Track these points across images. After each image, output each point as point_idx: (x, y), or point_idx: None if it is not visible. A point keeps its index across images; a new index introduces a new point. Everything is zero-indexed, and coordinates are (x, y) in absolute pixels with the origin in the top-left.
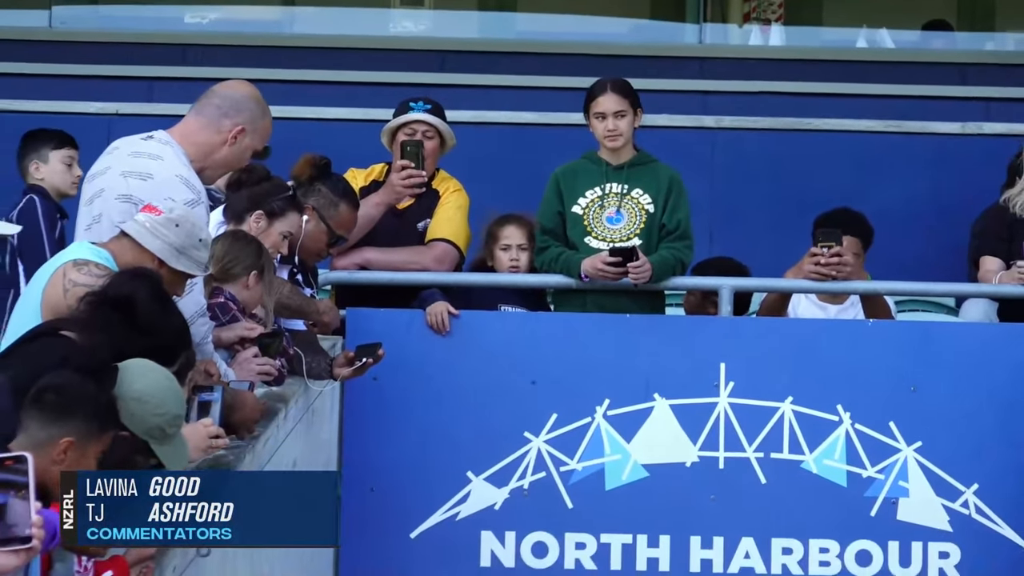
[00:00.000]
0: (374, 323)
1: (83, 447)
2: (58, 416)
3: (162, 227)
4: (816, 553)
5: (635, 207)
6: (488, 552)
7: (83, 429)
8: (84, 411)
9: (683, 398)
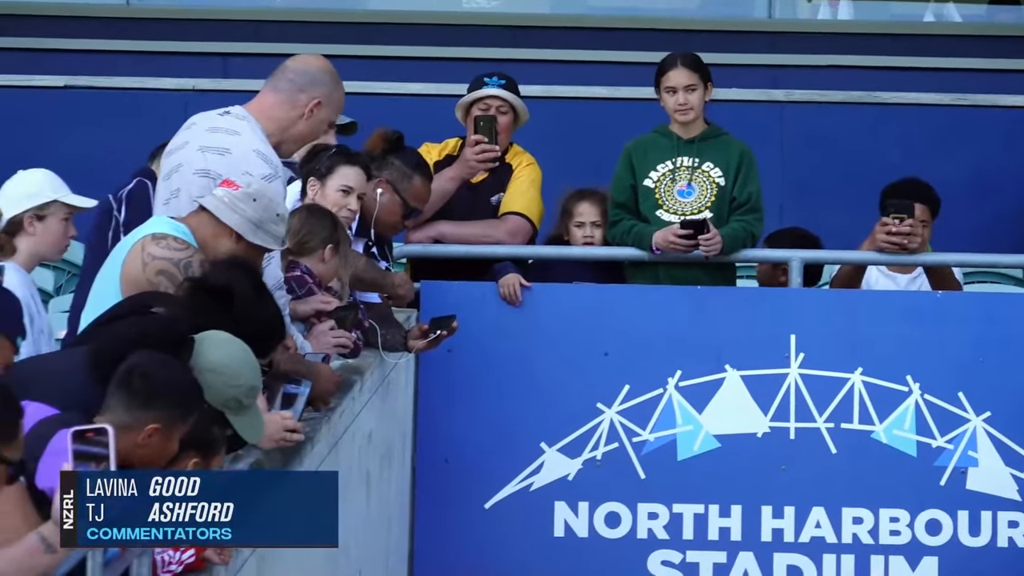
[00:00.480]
0: (448, 296)
1: (168, 432)
2: (144, 402)
3: (240, 201)
4: (886, 523)
5: (706, 180)
6: (561, 522)
7: (168, 416)
8: (170, 399)
9: (754, 369)
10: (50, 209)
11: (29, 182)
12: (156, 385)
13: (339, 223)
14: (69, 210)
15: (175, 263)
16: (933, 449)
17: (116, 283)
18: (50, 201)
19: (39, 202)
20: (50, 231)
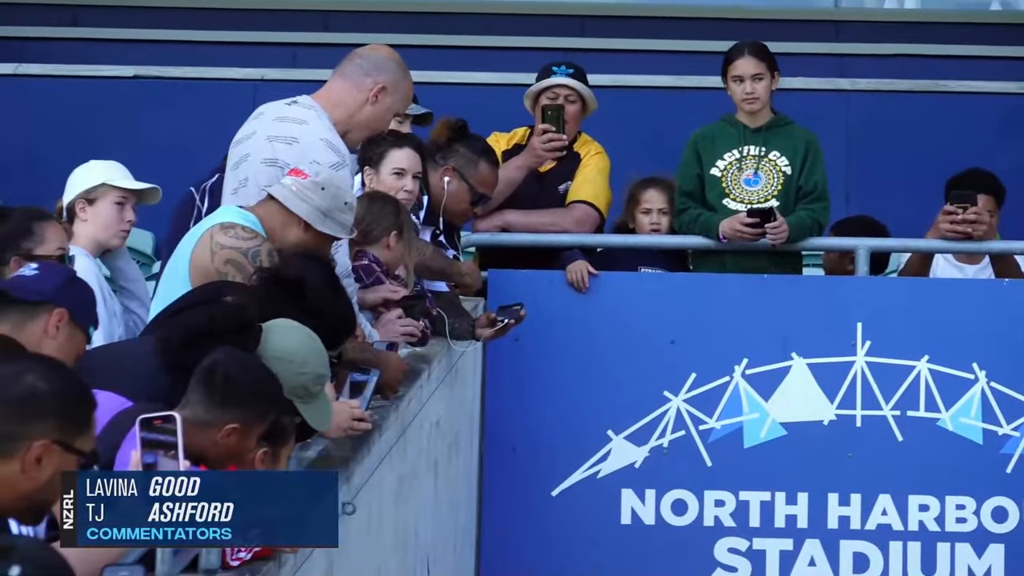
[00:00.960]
0: (515, 284)
1: (246, 432)
2: (225, 401)
3: (308, 190)
4: (952, 510)
5: (772, 169)
6: (628, 509)
7: (248, 418)
8: (251, 401)
9: (820, 357)
10: (99, 192)
11: (84, 170)
12: (238, 386)
13: (402, 208)
14: (121, 194)
15: (243, 252)
16: (999, 436)
17: (185, 272)
18: (98, 184)
19: (86, 186)
20: (101, 215)
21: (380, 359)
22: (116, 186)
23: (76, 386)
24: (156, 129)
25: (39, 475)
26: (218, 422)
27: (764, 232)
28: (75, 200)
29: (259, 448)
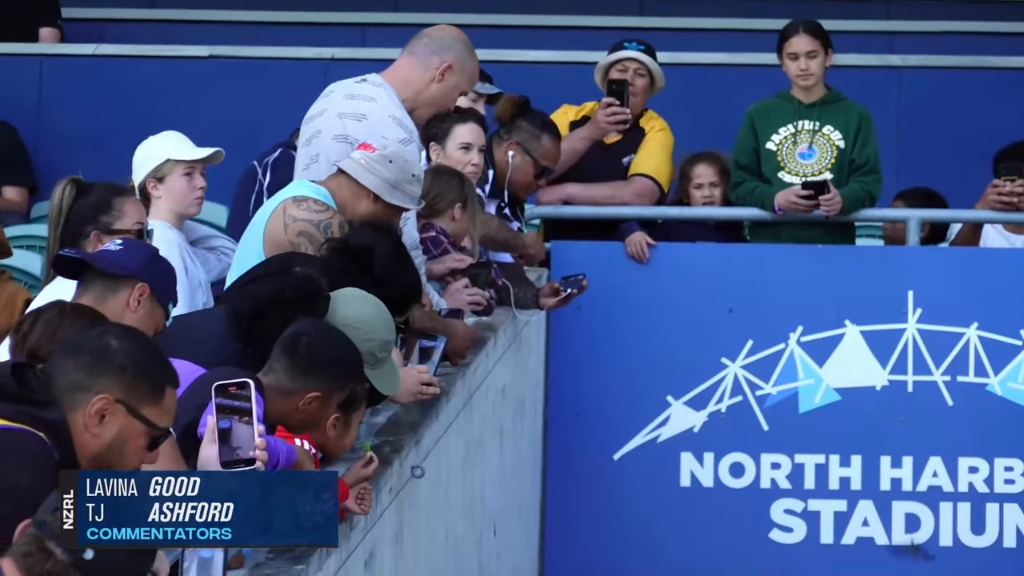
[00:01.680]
0: (578, 255)
1: (326, 400)
2: (308, 370)
3: (376, 163)
4: (1001, 472)
5: (826, 143)
6: (688, 472)
7: (329, 386)
8: (332, 370)
9: (873, 324)
10: (166, 168)
11: (146, 147)
12: (320, 356)
13: (466, 181)
14: (187, 165)
15: (315, 224)
16: None
17: (259, 244)
18: (163, 161)
19: (153, 165)
20: (173, 189)
21: (448, 327)
22: (181, 159)
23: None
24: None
25: (102, 433)
26: (300, 390)
27: (818, 204)
28: (145, 180)
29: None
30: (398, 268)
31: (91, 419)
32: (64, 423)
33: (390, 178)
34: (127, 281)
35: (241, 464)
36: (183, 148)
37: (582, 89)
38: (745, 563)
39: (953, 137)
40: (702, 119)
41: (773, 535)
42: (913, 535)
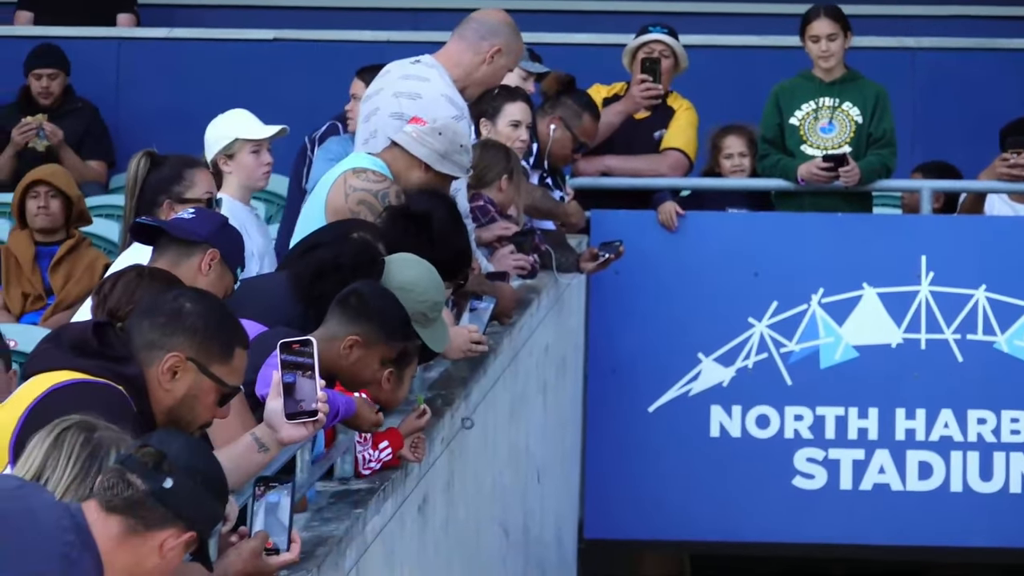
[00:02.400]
0: (615, 223)
1: (367, 348)
2: (353, 318)
3: (427, 136)
4: (1007, 423)
5: (845, 119)
6: (717, 424)
7: (371, 334)
8: (376, 319)
9: (888, 287)
10: (236, 147)
11: (217, 127)
12: (364, 305)
13: (512, 155)
14: (255, 143)
15: (374, 194)
16: None
17: (321, 212)
18: (232, 140)
19: (223, 144)
20: (242, 165)
21: (496, 289)
22: (249, 138)
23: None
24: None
25: (174, 388)
26: (342, 335)
27: (838, 175)
28: (216, 157)
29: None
30: (453, 233)
31: (164, 375)
32: (141, 378)
33: (440, 149)
34: (199, 247)
35: (304, 416)
36: (251, 127)
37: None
38: (770, 508)
39: (963, 113)
40: (730, 97)
41: (796, 482)
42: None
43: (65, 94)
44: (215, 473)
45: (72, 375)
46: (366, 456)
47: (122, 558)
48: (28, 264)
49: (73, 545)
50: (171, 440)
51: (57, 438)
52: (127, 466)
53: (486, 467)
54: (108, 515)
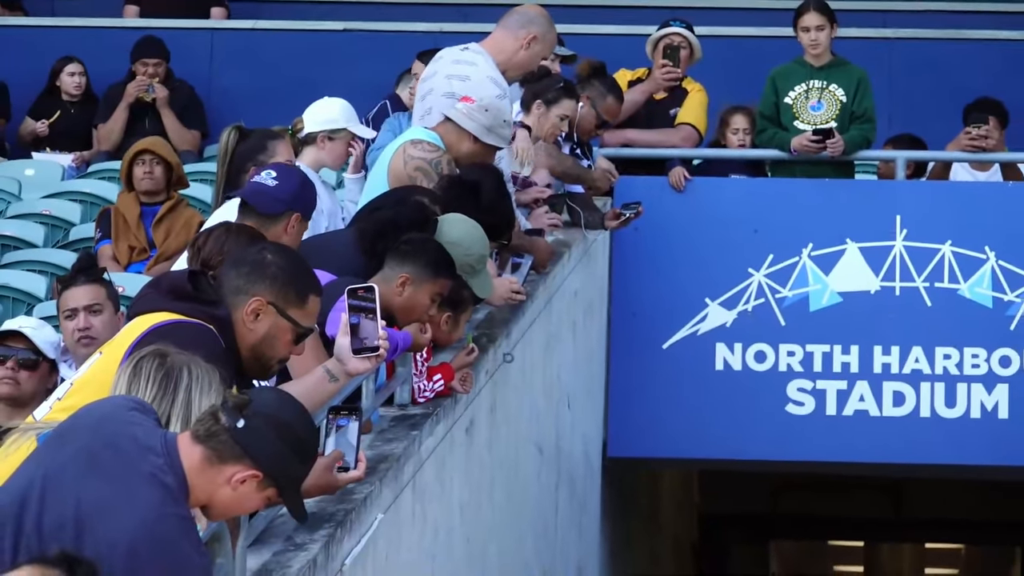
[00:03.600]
0: (635, 187)
1: (417, 284)
2: (402, 260)
3: (476, 112)
4: (969, 358)
5: (832, 98)
6: (721, 359)
7: (418, 271)
8: (421, 259)
9: (868, 242)
10: (340, 134)
11: (330, 108)
12: (412, 249)
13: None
14: (353, 138)
15: (429, 162)
16: (1005, 302)
17: (384, 178)
18: (341, 128)
19: (334, 127)
20: (335, 150)
21: (533, 245)
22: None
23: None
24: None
25: (256, 328)
26: (395, 276)
27: (825, 146)
28: (319, 133)
29: (443, 313)
30: (499, 200)
31: (248, 317)
32: (228, 319)
33: (486, 123)
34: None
35: (367, 351)
36: (358, 124)
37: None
38: (765, 430)
39: (932, 94)
40: (734, 79)
41: (788, 408)
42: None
43: (166, 77)
44: (298, 431)
45: (170, 316)
46: (421, 387)
47: (201, 483)
48: (134, 221)
49: (161, 467)
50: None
51: (135, 367)
52: (221, 406)
53: (524, 395)
54: (194, 444)
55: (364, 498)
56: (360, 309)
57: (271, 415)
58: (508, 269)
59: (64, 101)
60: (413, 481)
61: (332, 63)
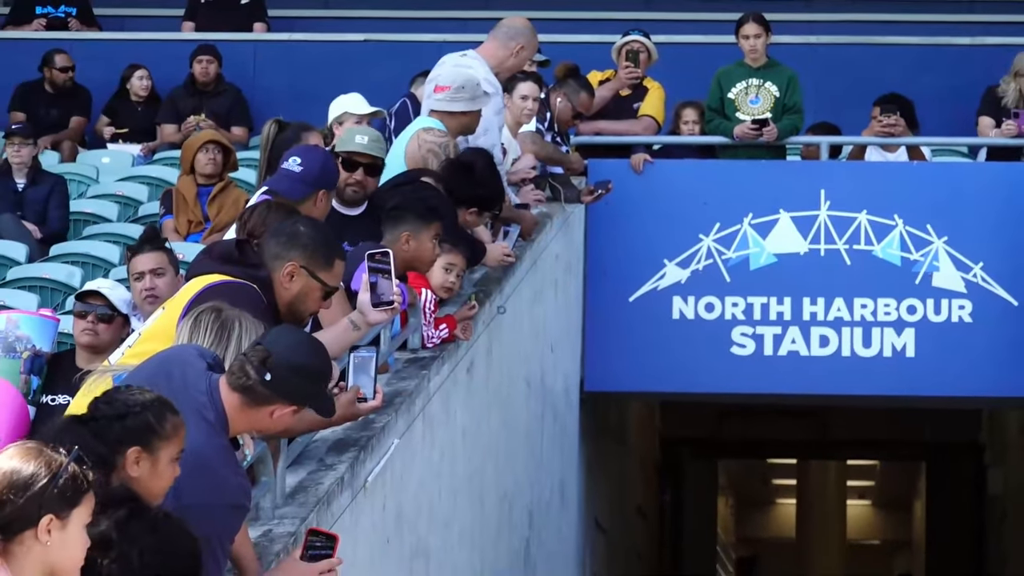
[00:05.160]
0: (606, 168)
1: (417, 236)
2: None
3: (455, 94)
4: (882, 307)
5: (767, 94)
6: (677, 310)
7: (413, 226)
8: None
9: (798, 211)
10: (344, 116)
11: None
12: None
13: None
14: (358, 117)
15: (439, 145)
16: (911, 260)
17: (402, 159)
18: (342, 112)
19: (336, 114)
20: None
21: (521, 216)
22: (354, 112)
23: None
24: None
25: (291, 287)
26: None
27: (762, 133)
28: (331, 123)
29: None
30: (491, 176)
31: (284, 278)
32: (269, 280)
33: (467, 96)
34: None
35: (384, 304)
36: (358, 105)
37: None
38: (714, 368)
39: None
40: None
41: (732, 350)
42: (824, 348)
43: (217, 78)
44: (313, 367)
45: (221, 278)
46: (429, 334)
47: (241, 421)
48: (192, 199)
49: (205, 405)
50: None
51: (195, 320)
52: (247, 358)
53: (515, 340)
54: (231, 391)
55: (382, 426)
56: (378, 270)
57: (290, 362)
58: (500, 236)
59: (133, 101)
60: (423, 412)
61: (354, 67)
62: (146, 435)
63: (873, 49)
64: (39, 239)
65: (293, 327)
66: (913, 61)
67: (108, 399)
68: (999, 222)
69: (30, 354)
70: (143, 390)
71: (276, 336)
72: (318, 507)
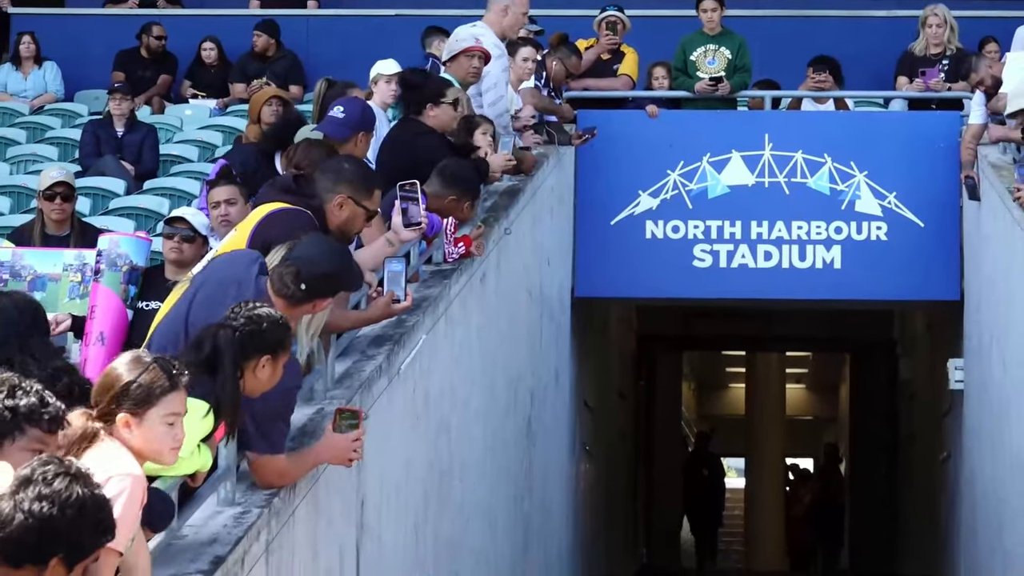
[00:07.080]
0: (591, 117)
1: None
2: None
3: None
4: (814, 229)
5: (722, 56)
6: (650, 231)
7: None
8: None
9: (747, 151)
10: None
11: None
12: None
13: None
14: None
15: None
16: (839, 191)
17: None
18: (375, 75)
19: (372, 76)
20: (381, 90)
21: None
22: (383, 73)
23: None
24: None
25: (341, 214)
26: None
27: (717, 89)
28: (370, 83)
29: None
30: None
31: (334, 207)
32: (322, 208)
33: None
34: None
35: (414, 225)
36: (389, 67)
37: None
38: (680, 278)
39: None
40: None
41: (695, 263)
42: (768, 262)
43: (277, 46)
44: (336, 272)
45: (282, 205)
46: (449, 250)
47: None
48: None
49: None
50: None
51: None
52: (284, 268)
53: (518, 255)
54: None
55: (413, 325)
56: (408, 198)
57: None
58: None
59: (207, 65)
60: (446, 313)
61: (388, 36)
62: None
63: (808, 20)
64: (135, 176)
65: (316, 238)
66: (840, 29)
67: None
68: (909, 159)
69: (128, 268)
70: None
71: (302, 250)
72: (360, 390)
